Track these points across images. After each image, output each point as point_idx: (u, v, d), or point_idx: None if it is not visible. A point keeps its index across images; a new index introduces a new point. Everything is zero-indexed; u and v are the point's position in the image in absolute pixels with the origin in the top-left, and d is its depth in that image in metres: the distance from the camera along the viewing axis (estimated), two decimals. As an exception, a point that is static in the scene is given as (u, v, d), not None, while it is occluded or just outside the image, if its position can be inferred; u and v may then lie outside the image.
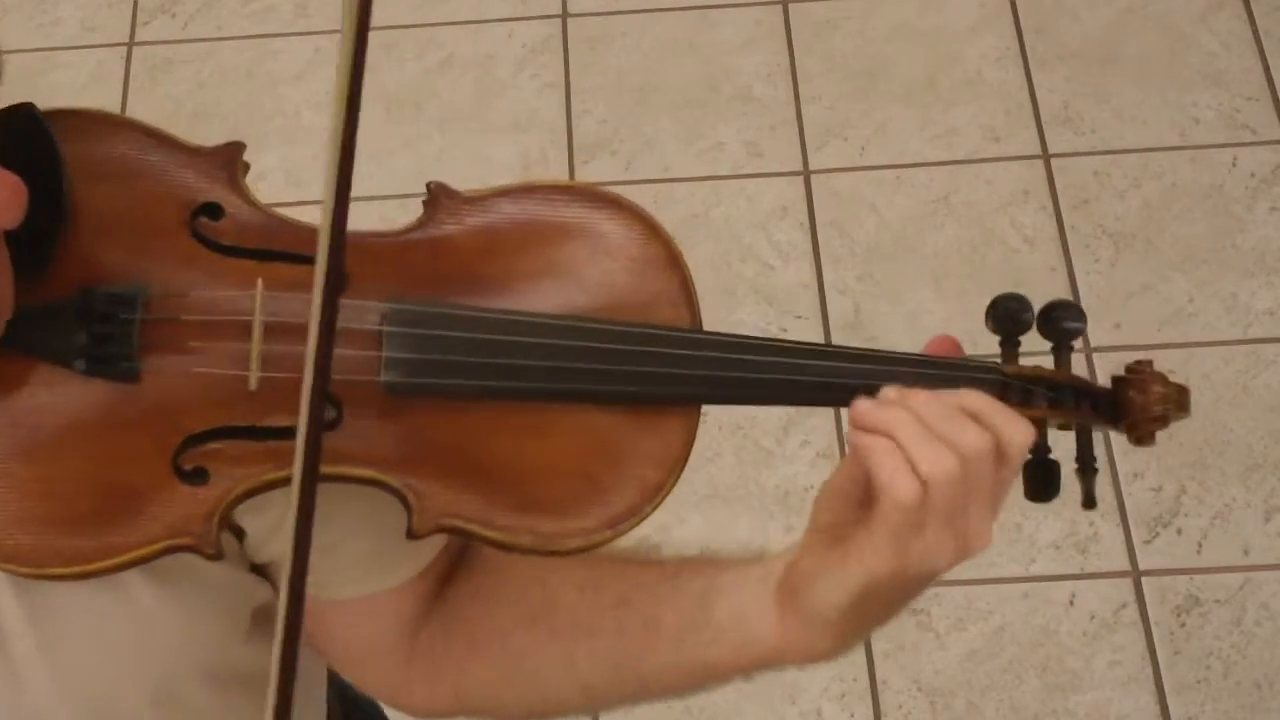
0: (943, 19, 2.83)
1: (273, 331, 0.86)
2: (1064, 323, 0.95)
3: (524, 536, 0.86)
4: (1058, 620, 2.24)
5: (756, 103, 2.75)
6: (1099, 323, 2.48)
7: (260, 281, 0.86)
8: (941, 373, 0.90)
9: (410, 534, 0.86)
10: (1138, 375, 0.95)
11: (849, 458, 0.88)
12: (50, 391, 0.85)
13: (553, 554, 0.87)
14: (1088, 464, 0.94)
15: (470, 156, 2.67)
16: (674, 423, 0.90)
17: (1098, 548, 2.29)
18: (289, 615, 0.75)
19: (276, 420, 0.85)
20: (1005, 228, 2.59)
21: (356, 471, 0.86)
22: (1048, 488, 0.91)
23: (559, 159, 2.69)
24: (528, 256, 0.92)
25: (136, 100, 2.78)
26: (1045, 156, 2.66)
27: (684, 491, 2.56)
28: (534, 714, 1.02)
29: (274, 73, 2.82)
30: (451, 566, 1.03)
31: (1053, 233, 2.57)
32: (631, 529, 0.88)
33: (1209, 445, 2.37)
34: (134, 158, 0.91)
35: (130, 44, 2.87)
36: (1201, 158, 2.64)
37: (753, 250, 2.58)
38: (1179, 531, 2.30)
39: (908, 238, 2.59)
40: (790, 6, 2.86)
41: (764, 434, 2.39)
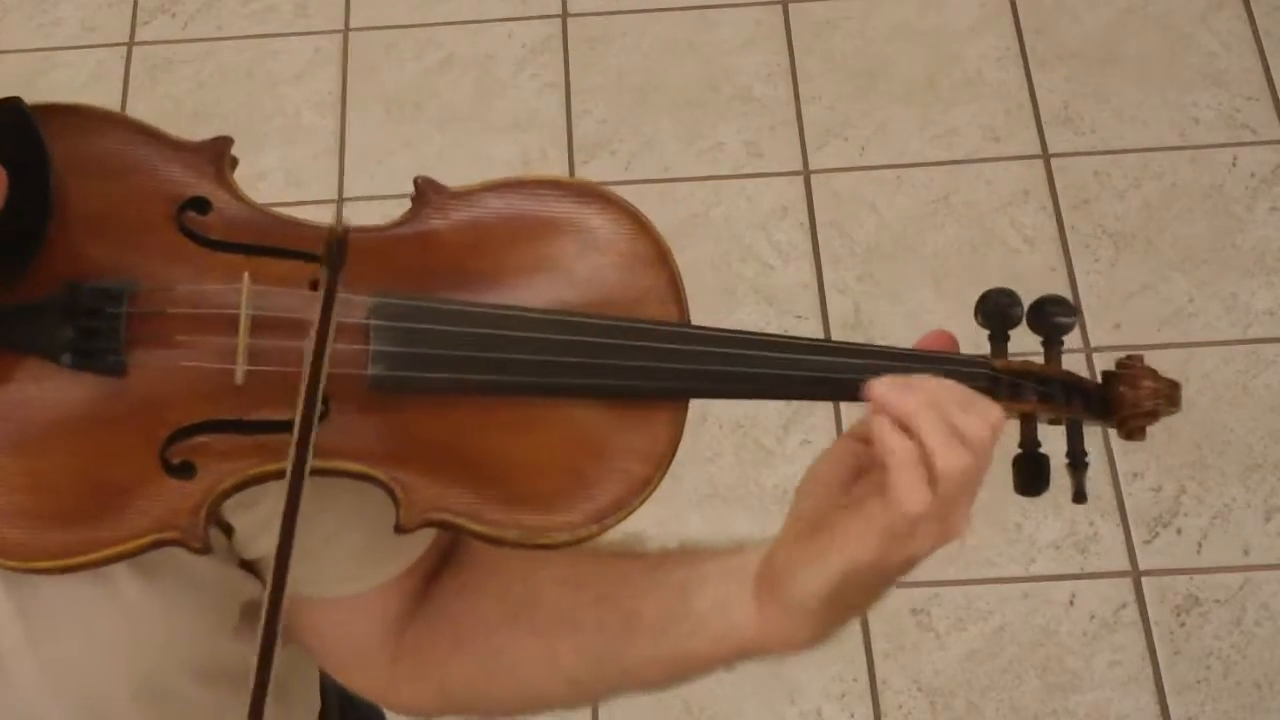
0: (943, 19, 2.83)
1: (259, 326, 0.86)
2: (1054, 317, 0.95)
3: (511, 530, 0.86)
4: (1058, 620, 2.24)
5: (756, 103, 2.75)
6: (1099, 323, 2.48)
7: (247, 275, 0.86)
8: (930, 367, 0.89)
9: (398, 528, 0.86)
10: (1128, 370, 0.95)
11: (838, 446, 0.88)
12: (37, 386, 0.85)
13: (541, 548, 0.87)
14: (1078, 459, 0.93)
15: (470, 156, 2.67)
16: (662, 417, 0.89)
17: (1098, 548, 2.29)
18: (272, 598, 0.75)
19: (263, 414, 0.85)
20: (1005, 228, 2.59)
21: (345, 465, 0.86)
22: (1037, 482, 0.90)
23: (559, 159, 2.69)
24: (515, 251, 0.92)
25: (136, 100, 2.78)
26: (1045, 156, 2.66)
27: (684, 491, 2.56)
28: (520, 709, 1.03)
29: (274, 73, 2.82)
30: (437, 565, 1.04)
31: (1053, 233, 2.57)
32: (619, 523, 0.88)
33: (1209, 445, 2.37)
34: (121, 152, 0.91)
35: (130, 44, 2.87)
36: (1201, 158, 2.64)
37: (753, 250, 2.58)
38: (1179, 531, 2.30)
39: (908, 238, 2.59)
40: (790, 6, 2.86)
41: (764, 433, 2.39)
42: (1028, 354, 0.95)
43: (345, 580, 0.98)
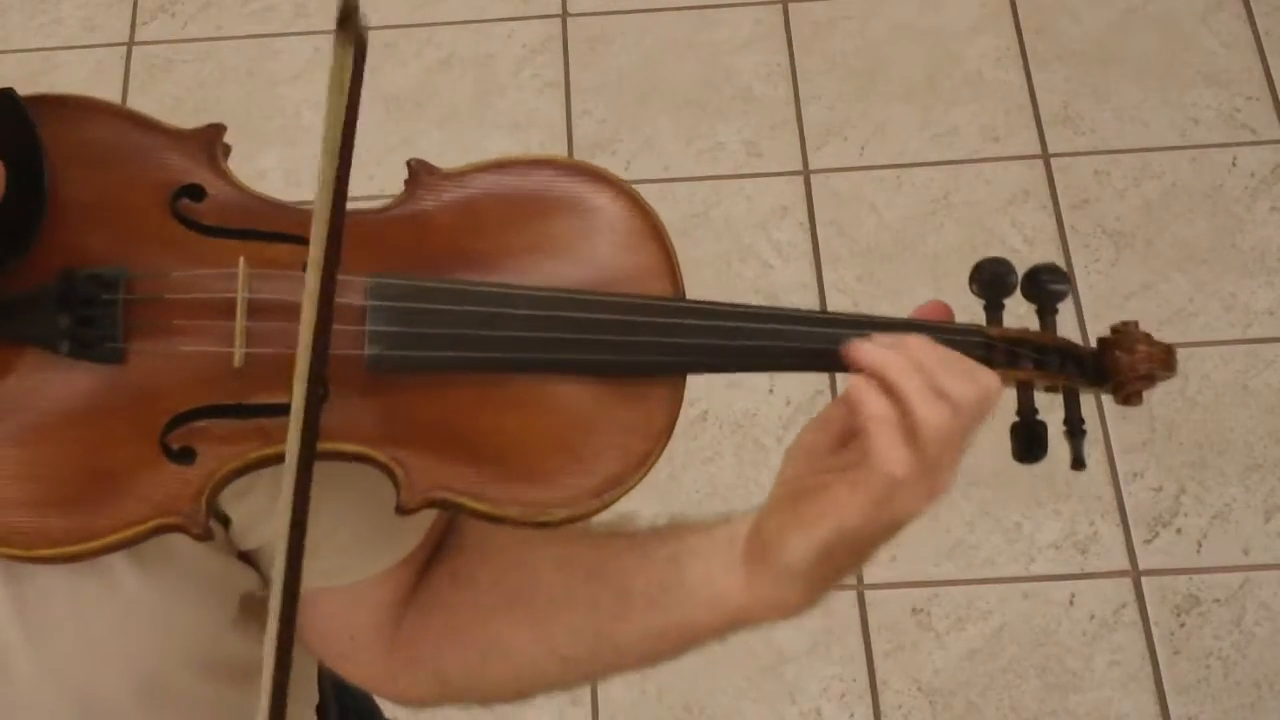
0: (943, 19, 2.83)
1: (257, 309, 0.86)
2: (1049, 285, 0.96)
3: (511, 508, 0.87)
4: (1058, 620, 2.24)
5: (756, 102, 2.75)
6: (1099, 322, 2.47)
7: (242, 259, 0.86)
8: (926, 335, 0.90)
9: (399, 509, 0.86)
10: (1123, 335, 0.96)
11: (825, 411, 0.88)
12: (36, 375, 0.85)
13: (541, 525, 0.88)
14: (1075, 425, 0.94)
15: (470, 156, 2.64)
16: (660, 392, 0.90)
17: (1098, 548, 2.29)
18: (286, 586, 0.75)
19: (262, 398, 0.85)
20: (1005, 228, 2.59)
21: (344, 447, 0.86)
22: (1035, 448, 0.91)
23: (559, 159, 2.69)
24: (509, 230, 0.92)
25: (136, 100, 2.78)
26: (1045, 156, 2.66)
27: (684, 491, 2.55)
28: (516, 692, 1.03)
29: (274, 72, 2.82)
30: (431, 556, 1.04)
31: (1053, 233, 2.57)
32: (618, 499, 0.88)
33: (1209, 445, 2.37)
34: (115, 141, 0.92)
35: (130, 43, 2.87)
36: (1201, 158, 2.64)
37: (753, 250, 2.58)
38: (1179, 531, 2.30)
39: (907, 237, 2.59)
40: (790, 6, 2.86)
41: (764, 433, 2.39)
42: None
43: (342, 570, 0.99)
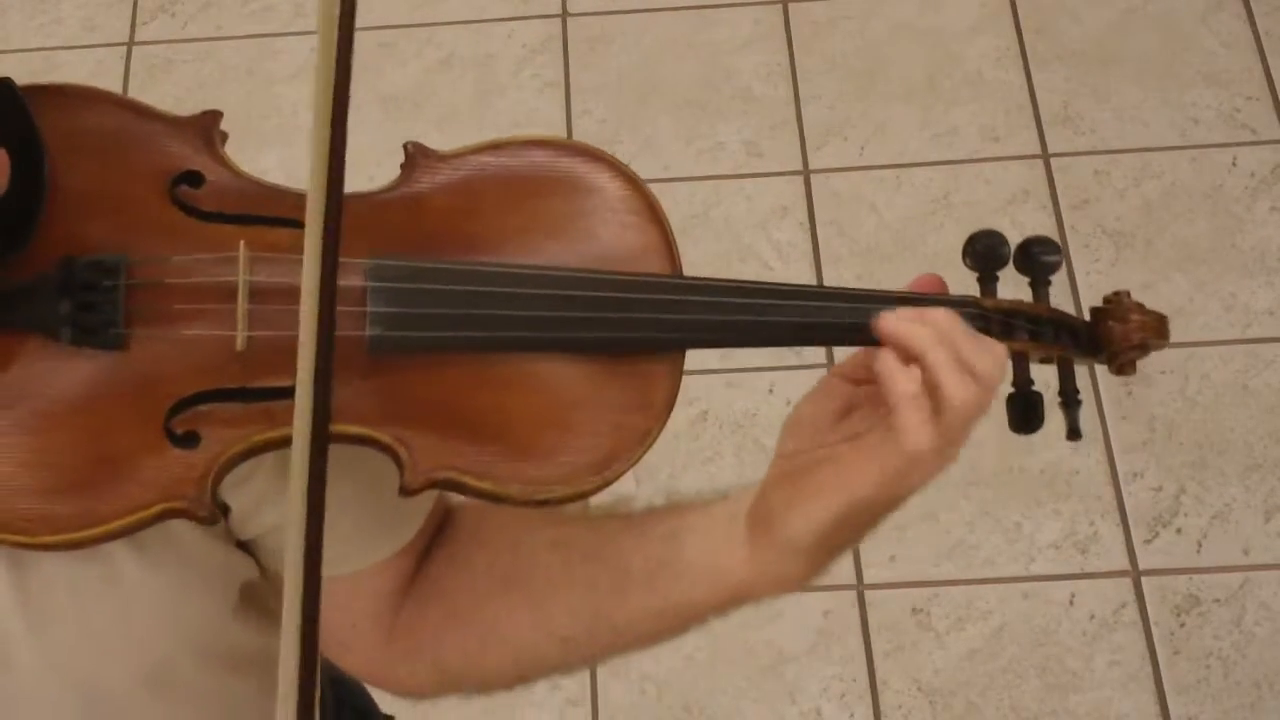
0: (943, 19, 2.83)
1: (258, 292, 0.86)
2: (1041, 257, 0.97)
3: (513, 486, 0.87)
4: (1058, 620, 2.24)
5: (756, 102, 2.75)
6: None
7: (243, 243, 0.86)
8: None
9: (403, 490, 0.87)
10: (1116, 305, 0.96)
11: (824, 384, 0.89)
12: (39, 363, 0.85)
13: (542, 503, 0.88)
14: (1070, 396, 0.95)
15: (470, 156, 2.67)
16: (659, 369, 0.90)
17: (1097, 547, 2.29)
18: (307, 577, 0.75)
19: (266, 381, 0.85)
20: (1005, 227, 2.56)
21: (347, 429, 0.86)
22: (1031, 418, 0.92)
23: (559, 159, 2.69)
24: (506, 210, 0.92)
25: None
26: (1045, 156, 2.66)
27: (684, 490, 2.55)
28: (517, 677, 1.03)
29: (273, 72, 2.82)
30: (429, 545, 1.04)
31: (1053, 233, 2.57)
32: (619, 476, 0.88)
33: (1209, 445, 2.37)
34: (113, 129, 0.92)
35: (130, 43, 2.87)
36: (1201, 158, 2.64)
37: (753, 250, 2.58)
38: (1179, 531, 2.30)
39: (907, 237, 2.59)
40: (790, 6, 2.86)
41: (764, 433, 2.39)
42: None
43: (342, 559, 0.99)
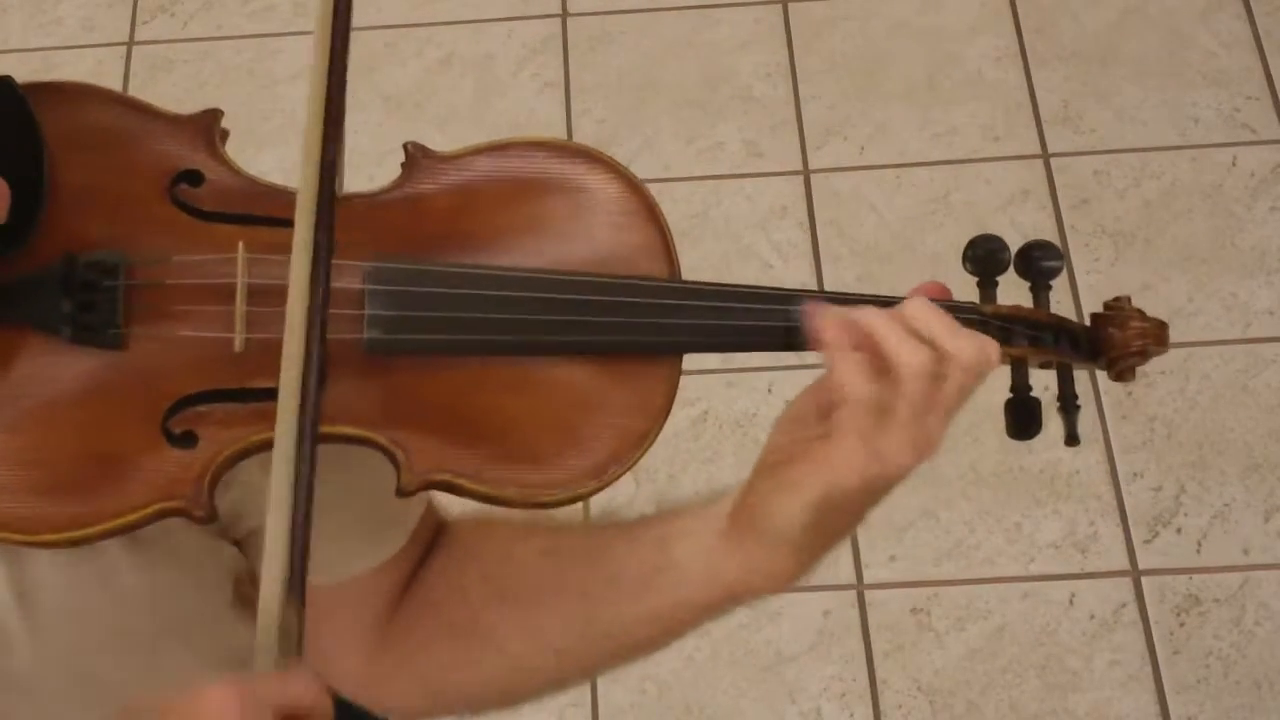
0: (942, 18, 2.83)
1: (257, 294, 0.86)
2: (1041, 262, 0.96)
3: (510, 489, 0.87)
4: (1058, 620, 2.24)
5: (756, 102, 2.75)
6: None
7: (241, 244, 0.86)
8: None
9: (400, 491, 0.87)
10: (1116, 311, 0.97)
11: (811, 385, 0.89)
12: (38, 360, 0.85)
13: (539, 505, 0.88)
14: (1069, 401, 0.94)
15: (470, 156, 2.67)
16: (657, 372, 0.90)
17: (1097, 547, 2.29)
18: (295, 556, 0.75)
19: (263, 382, 0.85)
20: (1005, 227, 2.59)
21: (344, 430, 0.86)
22: (1029, 424, 0.92)
23: (559, 158, 2.69)
24: (506, 212, 0.92)
25: (136, 100, 2.78)
26: (1045, 156, 2.66)
27: (684, 491, 2.55)
28: (509, 693, 1.02)
29: (273, 72, 2.82)
30: (422, 558, 1.04)
31: (1052, 232, 2.57)
32: (616, 479, 0.88)
33: (1209, 445, 2.37)
34: (113, 127, 0.92)
35: (130, 43, 2.87)
36: (1201, 157, 2.64)
37: (753, 250, 2.58)
38: (1179, 531, 2.30)
39: (907, 237, 2.59)
40: (790, 6, 2.86)
41: (764, 433, 2.38)
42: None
43: (326, 566, 0.98)
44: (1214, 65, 2.74)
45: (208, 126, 0.93)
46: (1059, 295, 0.98)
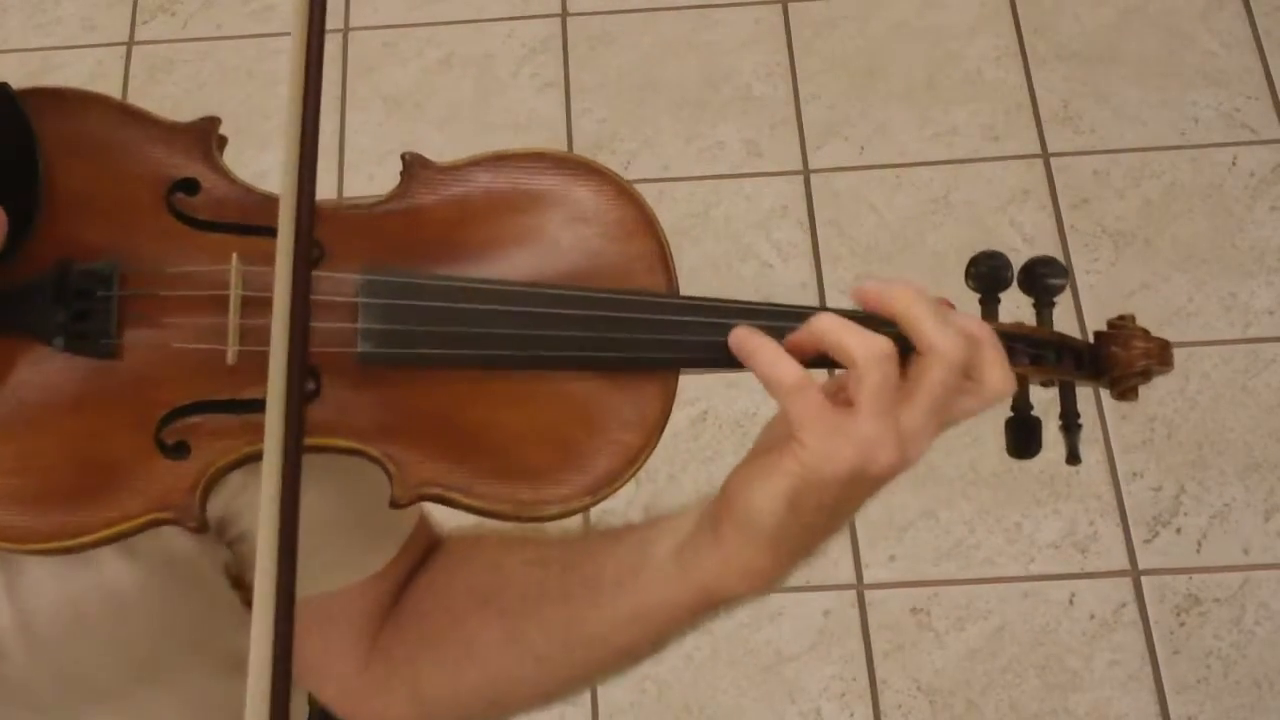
0: (942, 18, 2.83)
1: (250, 305, 0.86)
2: (1046, 279, 0.95)
3: (504, 504, 0.86)
4: (1057, 620, 2.24)
5: (756, 102, 2.75)
6: (1099, 322, 2.47)
7: (235, 256, 0.86)
8: None
9: (393, 503, 0.86)
10: (1119, 330, 0.96)
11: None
12: (31, 369, 0.85)
13: (534, 520, 0.87)
14: (1071, 420, 0.94)
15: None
16: (652, 388, 0.89)
17: (1097, 547, 2.29)
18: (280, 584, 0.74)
19: (256, 394, 0.84)
20: (1005, 227, 2.59)
21: (336, 442, 0.86)
22: (1029, 444, 0.91)
23: (559, 158, 2.69)
24: (503, 224, 0.91)
25: (136, 100, 2.75)
26: (1045, 156, 2.66)
27: (684, 491, 2.55)
28: (495, 705, 1.02)
29: (274, 72, 2.82)
30: (414, 569, 1.03)
31: (1052, 232, 2.57)
32: (611, 494, 0.88)
33: (1209, 445, 2.37)
34: (110, 134, 0.92)
35: (130, 43, 2.87)
36: (1201, 157, 2.64)
37: (752, 249, 2.58)
38: (1179, 531, 2.30)
39: (907, 237, 2.59)
40: (790, 6, 2.86)
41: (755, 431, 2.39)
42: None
43: (316, 577, 0.98)
44: (1214, 65, 2.74)
45: (205, 135, 0.92)
46: (1062, 304, 0.97)
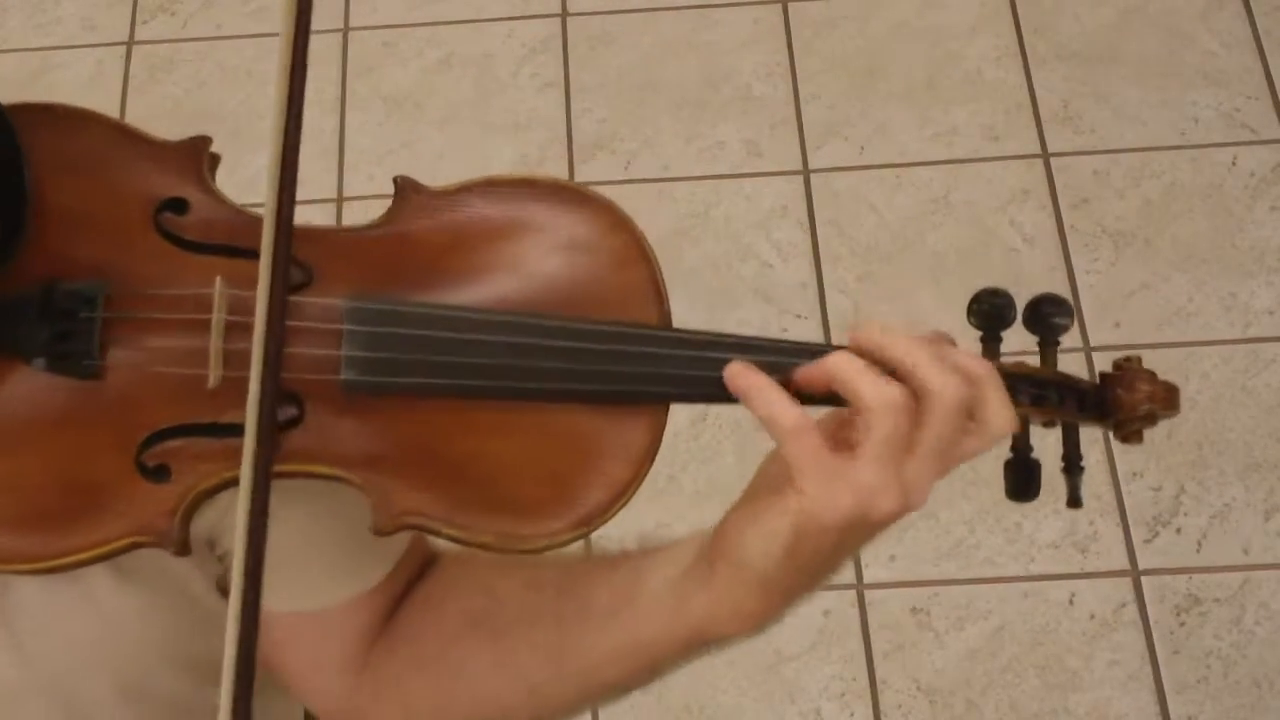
0: (942, 18, 2.83)
1: (234, 329, 0.85)
2: (1052, 318, 0.93)
3: (488, 535, 0.85)
4: (1057, 620, 2.24)
5: (756, 102, 2.75)
6: (1098, 322, 2.48)
7: (219, 279, 0.85)
8: None
9: (375, 530, 0.85)
10: (1125, 373, 0.93)
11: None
12: (11, 388, 0.84)
13: (518, 553, 0.86)
14: (1074, 463, 0.92)
15: (470, 156, 2.67)
16: (642, 419, 0.87)
17: (1097, 547, 2.29)
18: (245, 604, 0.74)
19: (237, 418, 0.83)
20: (1005, 227, 2.59)
21: (318, 469, 0.85)
22: (1027, 487, 0.89)
23: (559, 158, 2.69)
24: (493, 251, 0.90)
25: (136, 100, 2.78)
26: (1045, 156, 2.66)
27: (684, 491, 2.55)
28: None
29: (273, 72, 2.82)
30: (407, 588, 1.03)
31: (1052, 232, 2.57)
32: (600, 526, 0.86)
33: (1209, 445, 2.37)
34: (99, 152, 0.90)
35: (130, 43, 2.87)
36: (1201, 157, 2.64)
37: (752, 249, 2.58)
38: (1178, 531, 2.30)
39: (907, 237, 2.59)
40: (789, 6, 2.86)
41: (764, 433, 2.39)
42: (1020, 354, 0.94)
43: (306, 595, 0.97)
44: (1214, 65, 2.74)
45: (196, 154, 0.91)
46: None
